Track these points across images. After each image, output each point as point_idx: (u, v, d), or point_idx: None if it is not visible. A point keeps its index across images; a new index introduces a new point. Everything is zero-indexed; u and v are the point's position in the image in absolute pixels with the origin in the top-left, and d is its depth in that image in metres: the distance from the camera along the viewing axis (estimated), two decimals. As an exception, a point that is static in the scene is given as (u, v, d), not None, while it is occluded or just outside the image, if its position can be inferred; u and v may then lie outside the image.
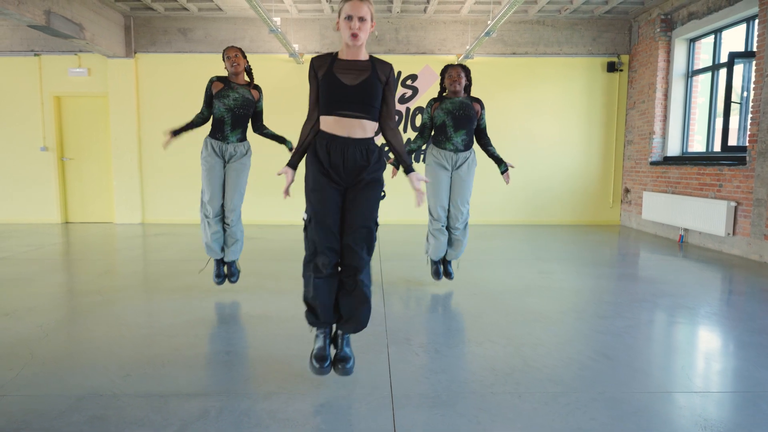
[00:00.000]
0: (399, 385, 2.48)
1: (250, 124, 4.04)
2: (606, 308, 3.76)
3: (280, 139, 4.11)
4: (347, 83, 2.32)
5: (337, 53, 2.41)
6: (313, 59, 2.43)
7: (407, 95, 8.23)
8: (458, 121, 3.93)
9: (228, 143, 3.88)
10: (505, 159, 4.15)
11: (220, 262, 4.12)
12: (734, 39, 6.85)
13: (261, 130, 4.11)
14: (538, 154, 8.39)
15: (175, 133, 3.86)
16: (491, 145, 4.10)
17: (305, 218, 2.41)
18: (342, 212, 2.39)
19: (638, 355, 2.87)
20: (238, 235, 4.04)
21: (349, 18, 2.28)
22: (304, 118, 2.53)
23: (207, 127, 4.02)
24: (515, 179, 8.17)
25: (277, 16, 7.73)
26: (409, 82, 8.21)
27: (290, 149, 3.86)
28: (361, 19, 2.28)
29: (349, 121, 2.33)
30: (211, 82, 3.85)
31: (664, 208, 6.99)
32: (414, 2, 7.53)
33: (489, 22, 6.28)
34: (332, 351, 2.54)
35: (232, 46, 3.88)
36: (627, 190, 8.30)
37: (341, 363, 2.44)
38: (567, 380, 2.54)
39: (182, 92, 8.20)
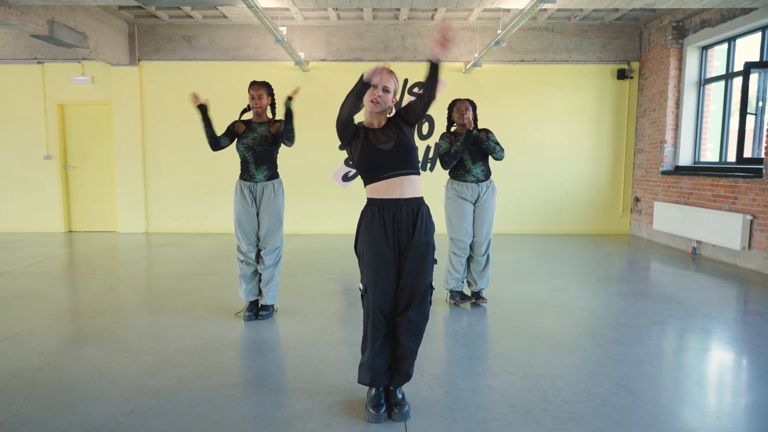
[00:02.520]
0: (414, 425, 2.37)
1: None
2: (623, 332, 3.64)
3: (288, 117, 3.77)
4: (384, 149, 2.37)
5: (363, 125, 2.48)
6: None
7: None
8: (475, 154, 3.99)
9: (256, 182, 3.79)
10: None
11: (254, 303, 3.98)
12: (748, 47, 6.71)
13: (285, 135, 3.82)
14: (546, 163, 8.27)
15: (204, 116, 3.76)
16: (499, 146, 4.04)
17: (361, 288, 2.44)
18: (398, 276, 2.42)
19: (661, 389, 2.76)
20: (275, 278, 3.93)
21: (374, 86, 2.35)
22: (308, 127, 2.53)
23: (237, 171, 3.90)
24: (522, 187, 8.07)
25: (283, 23, 7.63)
26: (416, 90, 8.10)
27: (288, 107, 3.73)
28: (385, 90, 2.36)
29: (398, 180, 2.36)
30: (234, 123, 3.81)
31: (676, 219, 6.86)
32: (421, 9, 7.42)
33: (499, 31, 6.18)
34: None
35: (258, 84, 3.77)
36: (637, 199, 8.18)
37: (398, 407, 2.44)
38: (589, 419, 2.42)
39: (186, 100, 8.09)
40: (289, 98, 3.78)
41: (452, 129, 4.17)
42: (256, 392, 2.70)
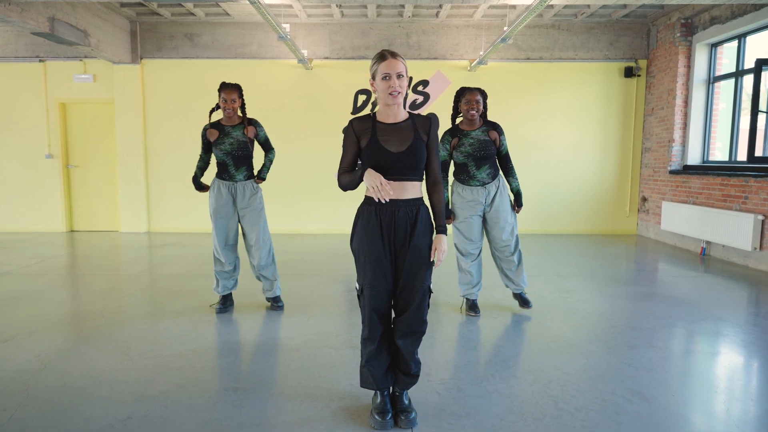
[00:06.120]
0: (421, 433, 2.29)
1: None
2: (635, 335, 3.55)
3: (262, 170, 4.09)
4: (393, 151, 2.23)
5: (375, 115, 2.32)
6: (353, 122, 2.30)
7: (418, 101, 8.04)
8: (480, 160, 3.73)
9: (236, 182, 3.89)
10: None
11: (227, 297, 4.09)
12: (760, 44, 6.59)
13: (266, 153, 4.12)
14: (552, 162, 8.18)
15: (200, 185, 4.00)
16: (514, 176, 3.88)
17: (357, 288, 2.37)
18: (395, 278, 2.33)
19: (676, 396, 2.66)
20: (272, 274, 4.04)
21: (387, 77, 2.20)
22: (311, 125, 2.39)
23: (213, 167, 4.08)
24: (528, 186, 7.97)
25: (286, 21, 7.55)
26: (420, 88, 8.02)
27: (260, 178, 4.03)
28: (399, 76, 2.21)
29: (397, 184, 2.25)
30: (205, 130, 3.87)
31: (685, 219, 6.76)
32: (426, 6, 7.33)
33: (505, 28, 6.09)
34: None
35: (231, 87, 3.78)
36: (644, 199, 8.07)
37: (404, 414, 2.36)
38: (603, 427, 2.33)
39: (189, 98, 8.05)
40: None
41: (457, 121, 3.91)
42: (257, 398, 2.62)
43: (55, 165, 8.20)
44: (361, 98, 8.05)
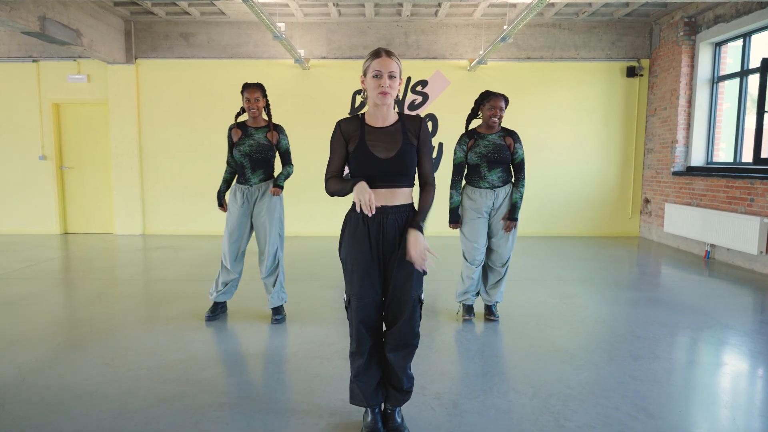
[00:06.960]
0: (414, 453, 2.17)
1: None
2: (638, 345, 3.42)
3: (279, 178, 3.82)
4: (381, 157, 2.12)
5: (363, 116, 2.21)
6: (340, 123, 2.20)
7: (417, 101, 7.92)
8: (493, 163, 3.67)
9: (251, 185, 3.77)
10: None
11: (217, 305, 3.98)
12: (765, 43, 6.46)
13: (283, 167, 3.90)
14: (553, 163, 8.05)
15: (222, 201, 3.90)
16: (520, 187, 3.73)
17: (345, 298, 2.26)
18: (384, 288, 2.22)
19: (684, 411, 2.54)
20: (276, 285, 3.86)
21: (378, 75, 2.08)
22: (308, 126, 2.23)
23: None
24: (528, 188, 7.84)
25: (282, 20, 7.43)
26: (419, 88, 7.89)
27: (276, 186, 3.77)
28: (391, 76, 2.10)
29: (386, 191, 2.13)
30: (231, 129, 3.76)
31: (689, 222, 6.62)
32: (425, 5, 7.21)
33: (505, 27, 5.96)
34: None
35: (253, 86, 3.68)
36: (647, 201, 7.94)
37: None
38: (606, 447, 2.21)
39: (184, 99, 7.94)
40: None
41: (474, 122, 3.81)
42: (243, 414, 2.50)
43: (49, 166, 8.08)
44: (359, 99, 7.93)
